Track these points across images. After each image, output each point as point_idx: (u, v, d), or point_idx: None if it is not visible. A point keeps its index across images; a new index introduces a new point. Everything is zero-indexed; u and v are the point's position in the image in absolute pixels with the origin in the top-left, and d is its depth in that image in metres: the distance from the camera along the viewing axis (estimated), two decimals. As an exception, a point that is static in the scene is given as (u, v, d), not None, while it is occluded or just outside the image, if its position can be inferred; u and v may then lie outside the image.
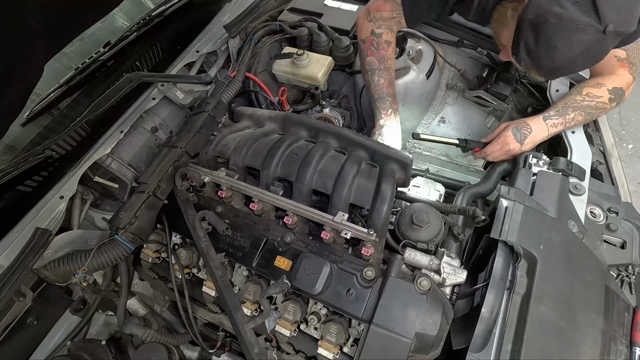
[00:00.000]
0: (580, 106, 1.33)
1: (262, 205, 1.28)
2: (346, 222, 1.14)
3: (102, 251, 1.17)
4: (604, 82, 1.34)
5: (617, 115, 3.34)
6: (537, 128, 1.32)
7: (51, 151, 1.32)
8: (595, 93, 1.33)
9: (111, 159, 1.45)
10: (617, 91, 1.34)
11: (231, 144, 1.43)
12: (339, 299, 1.10)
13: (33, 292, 1.26)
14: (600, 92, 1.33)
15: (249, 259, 1.20)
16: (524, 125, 1.32)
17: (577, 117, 1.34)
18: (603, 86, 1.33)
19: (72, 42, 1.27)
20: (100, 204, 1.50)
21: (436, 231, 1.20)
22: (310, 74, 1.69)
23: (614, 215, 1.25)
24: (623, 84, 1.34)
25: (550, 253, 1.06)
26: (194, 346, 1.37)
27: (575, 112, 1.34)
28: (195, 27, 1.81)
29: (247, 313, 1.19)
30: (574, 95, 1.35)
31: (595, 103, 1.33)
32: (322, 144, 1.37)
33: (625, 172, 1.45)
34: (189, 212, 1.26)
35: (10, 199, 1.27)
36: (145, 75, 1.48)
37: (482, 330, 1.00)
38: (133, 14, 1.81)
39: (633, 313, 1.09)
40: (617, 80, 1.34)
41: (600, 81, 1.35)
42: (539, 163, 1.31)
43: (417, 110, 1.81)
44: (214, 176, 1.30)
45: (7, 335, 1.22)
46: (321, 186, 1.26)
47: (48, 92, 1.41)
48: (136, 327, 1.23)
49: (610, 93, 1.33)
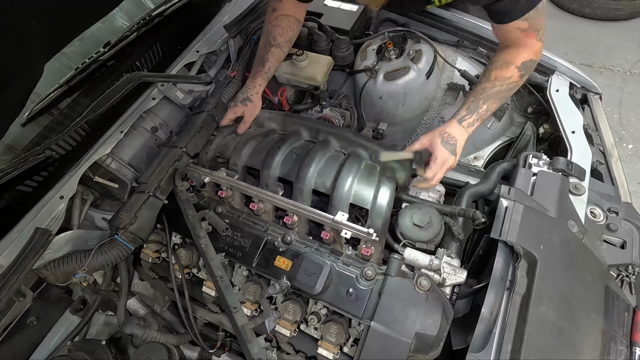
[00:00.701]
0: (491, 93, 1.27)
1: (262, 205, 1.28)
2: (346, 221, 1.14)
3: (102, 251, 1.17)
4: (511, 59, 1.26)
5: (617, 115, 3.34)
6: (458, 133, 1.25)
7: (51, 151, 1.32)
8: (504, 75, 1.26)
9: (111, 159, 1.45)
10: (527, 64, 1.27)
11: (231, 144, 1.43)
12: (339, 299, 1.10)
13: (33, 292, 1.26)
14: (509, 72, 1.26)
15: (249, 259, 1.20)
16: (447, 136, 1.24)
17: (491, 106, 1.28)
18: (511, 64, 1.26)
19: (72, 42, 1.26)
20: (100, 204, 1.50)
21: (436, 231, 1.20)
22: (310, 75, 1.69)
23: (614, 215, 1.25)
24: (532, 54, 1.26)
25: (550, 253, 1.06)
26: (194, 346, 1.37)
27: (487, 102, 1.27)
28: (195, 27, 1.81)
29: (247, 313, 1.19)
30: (483, 83, 1.28)
31: (506, 85, 1.27)
32: (322, 144, 1.37)
33: (625, 172, 1.45)
34: (189, 212, 1.26)
35: (10, 199, 1.27)
36: (145, 75, 1.48)
37: (482, 330, 1.00)
38: (133, 14, 1.81)
39: (633, 313, 1.09)
40: (525, 52, 1.26)
41: (507, 58, 1.27)
42: (539, 163, 1.31)
43: (417, 110, 1.81)
44: (214, 176, 1.31)
45: (7, 335, 1.22)
46: (321, 186, 1.26)
47: (48, 92, 1.41)
48: (136, 327, 1.24)
49: (519, 69, 1.26)
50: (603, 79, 3.60)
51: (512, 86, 1.29)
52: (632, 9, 3.91)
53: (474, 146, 1.85)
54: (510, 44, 1.28)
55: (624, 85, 3.55)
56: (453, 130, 1.25)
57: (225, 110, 1.53)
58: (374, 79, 1.74)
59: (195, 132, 1.40)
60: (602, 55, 3.80)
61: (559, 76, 1.63)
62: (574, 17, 4.14)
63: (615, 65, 3.72)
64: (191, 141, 1.39)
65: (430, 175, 1.24)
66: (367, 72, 1.75)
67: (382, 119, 1.84)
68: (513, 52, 1.27)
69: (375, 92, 1.75)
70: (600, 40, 3.92)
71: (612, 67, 3.71)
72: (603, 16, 4.00)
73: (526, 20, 1.20)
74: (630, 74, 3.64)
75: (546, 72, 1.64)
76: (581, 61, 3.77)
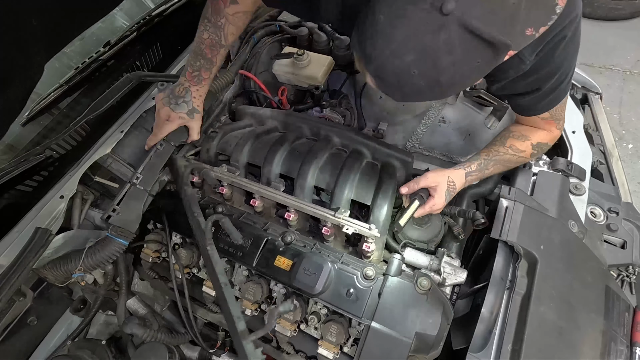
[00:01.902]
0: (501, 159, 1.22)
1: (263, 202, 1.28)
2: (348, 217, 1.14)
3: (95, 250, 1.16)
4: (530, 135, 1.21)
5: (617, 115, 3.34)
6: (459, 184, 1.20)
7: (51, 151, 1.32)
8: (519, 147, 1.21)
9: (111, 159, 1.45)
10: (542, 146, 1.23)
11: (233, 141, 1.43)
12: (339, 298, 1.10)
13: (33, 292, 1.26)
14: (524, 146, 1.21)
15: (249, 259, 1.20)
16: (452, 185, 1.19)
17: (495, 171, 1.24)
18: (528, 140, 1.21)
19: (72, 42, 1.26)
20: (100, 203, 1.50)
21: (436, 231, 1.20)
22: (311, 74, 1.69)
23: (614, 215, 1.25)
24: (549, 139, 1.23)
25: (551, 253, 1.06)
26: (194, 346, 1.37)
27: (495, 166, 1.22)
28: (195, 27, 1.81)
29: (248, 313, 1.19)
30: (498, 146, 1.23)
31: (517, 157, 1.22)
32: (324, 142, 1.37)
33: (625, 171, 1.45)
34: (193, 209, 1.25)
35: (10, 199, 1.27)
36: (145, 75, 1.48)
37: (482, 330, 1.00)
38: (133, 14, 1.81)
39: (633, 313, 1.09)
40: (544, 135, 1.22)
41: (526, 133, 1.22)
42: (539, 163, 1.32)
43: (417, 110, 1.81)
44: (215, 172, 1.30)
45: (7, 335, 1.22)
46: (323, 183, 1.26)
47: (48, 92, 1.41)
48: (136, 326, 1.24)
49: (533, 148, 1.22)
50: (603, 79, 3.61)
51: (520, 160, 1.25)
52: (632, 8, 3.91)
53: (474, 146, 1.85)
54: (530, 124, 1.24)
55: (624, 85, 3.55)
56: (458, 181, 1.20)
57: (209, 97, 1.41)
58: (374, 78, 1.74)
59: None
60: (602, 55, 3.81)
61: (559, 76, 1.63)
62: (574, 17, 4.14)
63: (616, 65, 3.72)
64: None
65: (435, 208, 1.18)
66: (367, 72, 1.75)
67: (382, 118, 1.84)
68: (532, 130, 1.23)
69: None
70: (601, 40, 3.92)
71: (612, 66, 3.71)
72: (603, 16, 4.00)
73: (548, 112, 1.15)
74: (631, 74, 3.64)
75: (546, 72, 1.63)
76: (581, 61, 3.75)
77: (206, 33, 1.26)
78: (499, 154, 1.22)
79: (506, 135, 1.24)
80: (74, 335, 1.34)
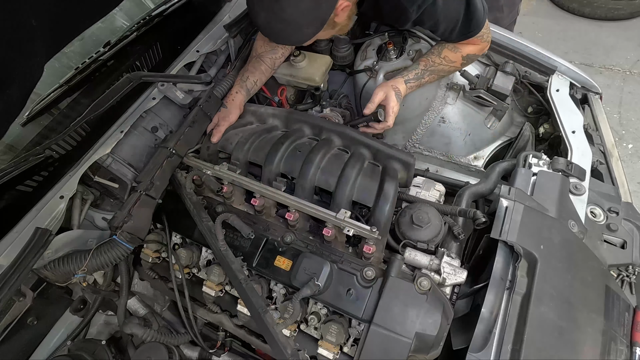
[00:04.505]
0: (436, 70, 1.45)
1: (264, 201, 1.27)
2: (349, 219, 1.14)
3: (101, 251, 1.16)
4: (461, 48, 1.42)
5: (617, 115, 3.34)
6: (402, 89, 1.43)
7: (51, 151, 1.32)
8: (451, 58, 1.43)
9: (111, 159, 1.45)
10: (471, 57, 1.46)
11: (234, 139, 1.42)
12: (339, 299, 1.10)
13: (33, 292, 1.26)
14: (456, 57, 1.43)
15: (249, 259, 1.20)
16: (396, 89, 1.42)
17: (430, 80, 1.47)
18: (459, 52, 1.42)
19: (72, 42, 1.26)
20: (100, 203, 1.50)
21: (436, 231, 1.20)
22: (308, 75, 1.69)
23: (614, 215, 1.25)
24: (477, 50, 1.44)
25: (551, 253, 1.06)
26: (194, 346, 1.37)
27: (430, 76, 1.45)
28: (195, 27, 1.81)
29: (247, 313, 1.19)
30: (434, 56, 1.44)
31: (449, 67, 1.45)
32: (326, 142, 1.37)
33: (625, 171, 1.45)
34: (202, 215, 1.25)
35: (10, 199, 1.27)
36: (145, 75, 1.48)
37: (482, 330, 1.00)
38: (133, 14, 1.81)
39: (633, 313, 1.09)
40: (472, 47, 1.43)
41: (457, 46, 1.42)
42: (539, 163, 1.31)
43: (417, 110, 1.81)
44: (215, 170, 1.30)
45: (7, 335, 1.22)
46: (324, 183, 1.26)
47: (48, 92, 1.41)
48: (136, 327, 1.24)
49: (464, 59, 1.45)
50: (603, 79, 3.60)
51: (452, 70, 1.49)
52: (632, 8, 3.91)
53: (474, 146, 1.85)
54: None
55: (624, 85, 3.55)
56: (401, 87, 1.43)
57: (218, 104, 1.50)
58: (374, 78, 1.74)
59: (187, 127, 1.39)
60: (602, 55, 3.81)
61: (559, 76, 1.64)
62: (573, 17, 4.14)
63: (615, 65, 3.72)
64: (183, 138, 1.36)
65: (391, 122, 1.43)
66: (367, 72, 1.75)
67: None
68: (463, 43, 1.42)
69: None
70: (600, 40, 3.92)
71: (612, 66, 3.71)
72: (603, 16, 4.00)
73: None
74: (630, 74, 3.64)
75: (546, 72, 1.64)
76: (581, 61, 3.77)
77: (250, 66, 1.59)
78: (434, 64, 1.44)
79: (441, 46, 1.45)
80: (73, 336, 1.34)
